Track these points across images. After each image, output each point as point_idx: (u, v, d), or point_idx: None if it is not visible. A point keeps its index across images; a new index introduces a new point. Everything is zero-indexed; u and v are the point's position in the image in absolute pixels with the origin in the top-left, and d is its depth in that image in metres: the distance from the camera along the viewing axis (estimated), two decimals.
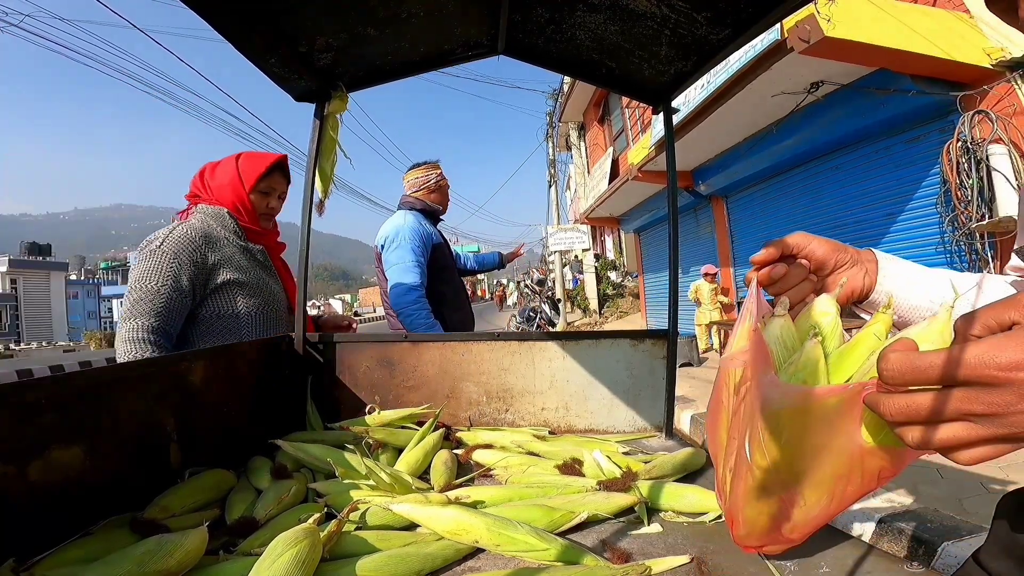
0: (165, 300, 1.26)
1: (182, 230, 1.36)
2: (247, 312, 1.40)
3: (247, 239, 1.49)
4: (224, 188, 1.47)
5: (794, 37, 4.35)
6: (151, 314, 1.24)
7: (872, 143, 5.68)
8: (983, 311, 0.38)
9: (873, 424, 0.45)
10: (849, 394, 0.45)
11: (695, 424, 3.98)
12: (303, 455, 1.06)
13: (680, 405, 4.39)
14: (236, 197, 1.47)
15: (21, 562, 0.61)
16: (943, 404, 0.36)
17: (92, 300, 50.14)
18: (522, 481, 1.00)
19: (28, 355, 16.90)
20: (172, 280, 1.28)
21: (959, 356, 0.35)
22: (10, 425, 0.67)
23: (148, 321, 1.24)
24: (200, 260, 1.33)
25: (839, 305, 0.60)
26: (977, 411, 0.35)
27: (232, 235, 1.45)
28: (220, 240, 1.41)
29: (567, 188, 19.88)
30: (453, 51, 1.41)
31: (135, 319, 1.23)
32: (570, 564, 0.69)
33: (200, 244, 1.35)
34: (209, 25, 0.98)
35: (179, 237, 1.33)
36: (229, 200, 1.47)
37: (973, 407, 0.35)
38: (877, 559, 0.69)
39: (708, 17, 1.10)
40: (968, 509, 2.35)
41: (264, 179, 1.51)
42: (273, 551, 0.62)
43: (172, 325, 1.30)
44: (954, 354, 0.36)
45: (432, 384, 1.36)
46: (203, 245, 1.35)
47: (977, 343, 0.36)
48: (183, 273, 1.29)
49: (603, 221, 13.89)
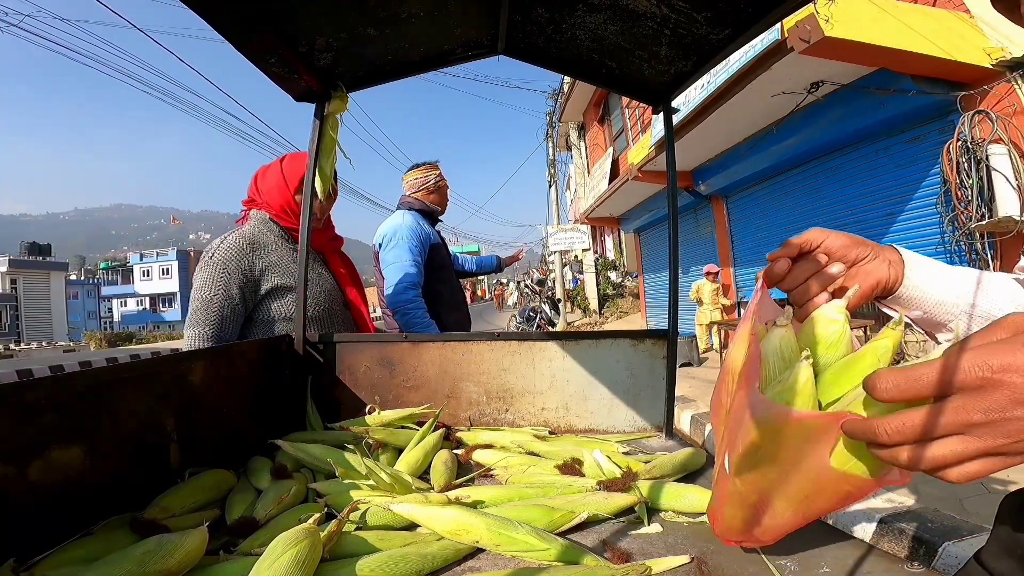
0: (218, 309, 1.34)
1: (231, 239, 1.40)
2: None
3: (295, 240, 1.49)
4: (272, 192, 1.48)
5: (794, 37, 4.36)
6: (207, 323, 1.33)
7: (872, 143, 5.68)
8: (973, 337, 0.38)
9: (845, 451, 0.47)
10: (825, 420, 0.47)
11: (695, 424, 3.98)
12: (303, 455, 1.06)
13: (680, 405, 4.39)
14: (283, 200, 1.47)
15: (21, 562, 0.61)
16: (939, 416, 0.37)
17: (92, 300, 50.18)
18: (522, 481, 1.00)
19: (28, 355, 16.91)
20: (223, 290, 1.34)
21: (954, 363, 0.36)
22: (10, 425, 0.66)
23: (205, 330, 1.33)
24: (248, 268, 1.38)
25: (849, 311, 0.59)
26: (975, 420, 0.35)
27: (279, 239, 1.46)
28: (268, 245, 1.44)
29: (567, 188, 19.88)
30: (453, 51, 1.41)
31: (194, 328, 1.33)
32: (570, 564, 0.69)
33: (247, 252, 1.39)
34: (209, 25, 0.98)
35: (228, 247, 1.39)
36: (277, 203, 1.48)
37: (971, 416, 0.35)
38: (877, 559, 0.69)
39: (708, 17, 1.10)
40: (969, 509, 2.35)
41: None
42: (273, 551, 0.62)
43: (227, 332, 1.37)
44: (949, 361, 0.37)
45: (432, 384, 1.36)
46: (250, 252, 1.39)
47: (969, 350, 0.36)
48: (232, 282, 1.35)
49: (603, 221, 13.89)
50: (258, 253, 1.41)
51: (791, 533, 0.59)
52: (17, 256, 37.43)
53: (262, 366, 1.31)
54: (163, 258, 49.17)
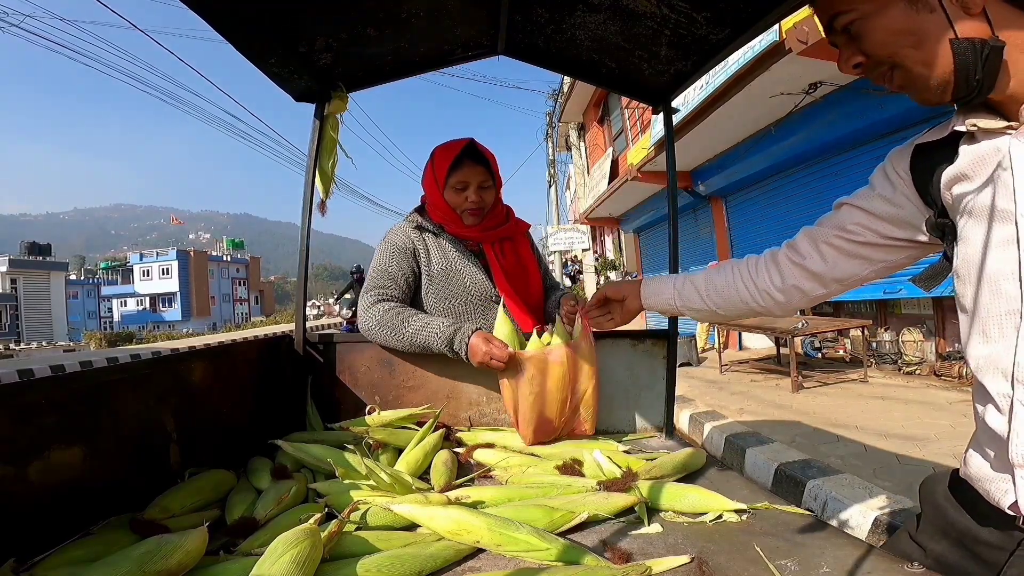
0: (380, 280, 1.38)
1: (398, 227, 1.46)
2: (437, 305, 1.40)
3: (446, 232, 1.44)
4: (430, 186, 1.44)
5: (792, 38, 4.36)
6: (376, 288, 1.38)
7: (871, 147, 5.67)
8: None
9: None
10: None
11: (695, 424, 3.98)
12: (303, 455, 1.06)
13: (680, 405, 4.39)
14: (435, 197, 1.42)
15: (21, 562, 0.61)
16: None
17: (92, 300, 50.13)
18: (522, 481, 1.00)
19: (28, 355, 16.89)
20: (385, 267, 1.39)
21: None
22: (10, 425, 0.66)
23: (374, 292, 1.38)
24: (402, 253, 1.40)
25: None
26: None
27: (427, 233, 1.44)
28: (420, 236, 1.44)
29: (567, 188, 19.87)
30: (453, 51, 1.41)
31: (366, 293, 1.39)
32: (571, 564, 0.69)
33: (403, 239, 1.42)
34: (209, 25, 0.98)
35: (393, 233, 1.44)
36: (432, 199, 1.44)
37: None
38: (877, 559, 0.69)
39: (708, 17, 1.10)
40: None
41: (452, 174, 1.37)
42: (274, 551, 0.62)
43: (401, 293, 1.40)
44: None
45: (432, 384, 1.36)
46: (405, 240, 1.42)
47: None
48: (393, 262, 1.39)
49: (603, 221, 13.88)
50: (413, 241, 1.42)
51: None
52: (17, 256, 37.38)
53: (262, 366, 1.31)
54: (163, 258, 49.10)
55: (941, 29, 0.59)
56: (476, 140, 1.39)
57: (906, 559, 0.69)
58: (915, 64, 0.62)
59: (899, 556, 0.71)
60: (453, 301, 1.40)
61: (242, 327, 37.93)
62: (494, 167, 1.42)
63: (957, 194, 0.64)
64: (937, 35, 0.60)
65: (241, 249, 62.46)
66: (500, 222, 1.48)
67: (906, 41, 0.62)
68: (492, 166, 1.41)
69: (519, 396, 1.19)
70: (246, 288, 56.44)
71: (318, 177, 1.39)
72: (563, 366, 1.19)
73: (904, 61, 0.63)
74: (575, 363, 1.22)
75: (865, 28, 0.64)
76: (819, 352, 6.64)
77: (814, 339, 6.50)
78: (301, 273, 1.39)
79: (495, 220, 1.47)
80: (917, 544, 0.75)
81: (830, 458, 2.89)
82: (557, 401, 1.20)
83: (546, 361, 1.19)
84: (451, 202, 1.39)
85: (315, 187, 1.39)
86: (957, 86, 0.61)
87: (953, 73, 0.60)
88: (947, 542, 0.71)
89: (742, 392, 5.03)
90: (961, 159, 0.64)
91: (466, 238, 1.45)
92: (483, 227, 1.44)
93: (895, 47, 0.62)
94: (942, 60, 0.60)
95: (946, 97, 0.63)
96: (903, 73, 0.64)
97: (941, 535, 0.72)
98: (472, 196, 1.38)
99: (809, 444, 3.22)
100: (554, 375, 1.19)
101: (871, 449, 3.11)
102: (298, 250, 1.40)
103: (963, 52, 0.59)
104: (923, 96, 0.64)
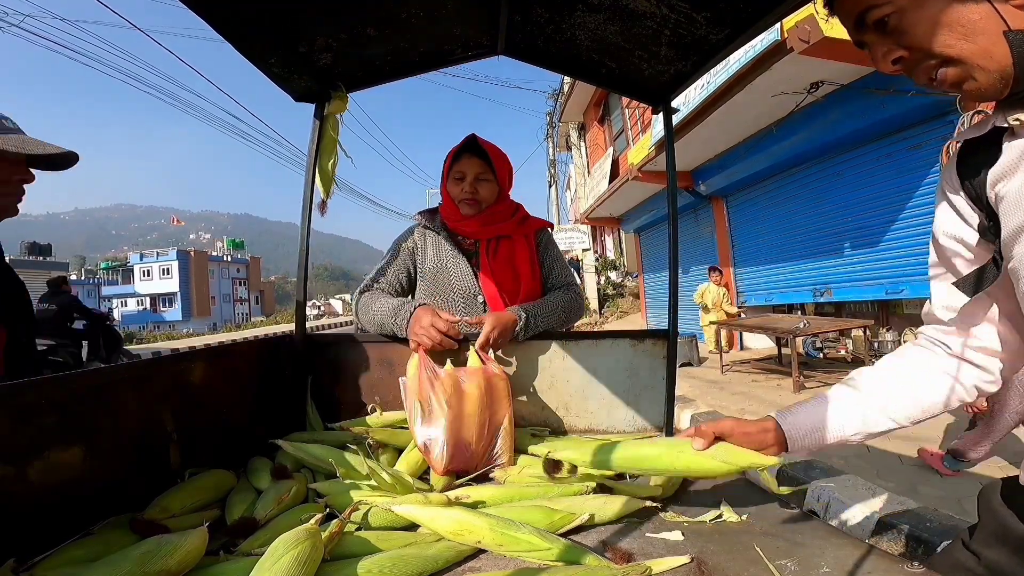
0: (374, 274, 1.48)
1: (412, 225, 1.54)
2: (426, 301, 1.43)
3: (448, 229, 1.48)
4: (442, 182, 1.50)
5: (793, 37, 4.36)
6: (368, 281, 1.47)
7: (873, 148, 5.67)
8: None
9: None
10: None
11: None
12: (303, 455, 1.06)
13: (680, 405, 4.39)
14: (443, 190, 1.49)
15: (21, 562, 0.61)
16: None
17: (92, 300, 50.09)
18: (521, 481, 1.00)
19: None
20: (382, 263, 1.49)
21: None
22: (10, 426, 0.66)
23: (364, 284, 1.47)
24: (400, 251, 1.49)
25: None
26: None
27: (429, 231, 1.50)
28: (424, 232, 1.50)
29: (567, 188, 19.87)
30: (453, 51, 1.41)
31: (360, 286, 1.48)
32: (571, 564, 0.69)
33: (405, 236, 1.51)
34: (209, 26, 0.98)
35: (405, 231, 1.53)
36: (442, 193, 1.51)
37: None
38: (877, 559, 0.69)
39: (708, 17, 1.10)
40: (968, 509, 2.35)
41: (454, 165, 1.43)
42: (275, 552, 0.62)
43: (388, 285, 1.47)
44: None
45: None
46: (406, 238, 1.50)
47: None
48: (389, 258, 1.48)
49: (603, 221, 13.88)
50: (415, 237, 1.50)
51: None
52: (17, 256, 37.40)
53: (262, 366, 1.31)
54: (163, 258, 49.12)
55: (990, 20, 0.56)
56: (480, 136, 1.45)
57: (960, 569, 0.68)
58: (973, 56, 0.58)
59: (951, 566, 0.70)
60: (438, 298, 1.44)
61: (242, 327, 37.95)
62: (496, 162, 1.43)
63: (1002, 192, 0.61)
64: (986, 27, 0.57)
65: (241, 249, 62.54)
66: (502, 219, 1.47)
67: (955, 33, 0.58)
68: (493, 160, 1.42)
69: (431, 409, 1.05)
70: (246, 288, 56.48)
71: (318, 177, 1.39)
72: (480, 388, 1.10)
73: (960, 54, 0.58)
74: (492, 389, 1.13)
75: (905, 22, 0.60)
76: (821, 352, 6.64)
77: (816, 339, 6.50)
78: (301, 273, 1.39)
79: (495, 216, 1.46)
80: (972, 552, 0.73)
81: (832, 459, 2.89)
82: (476, 424, 1.07)
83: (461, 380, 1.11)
84: (451, 193, 1.45)
85: (315, 187, 1.39)
86: (1017, 80, 0.58)
87: (1013, 66, 0.57)
88: (1005, 549, 0.69)
89: (743, 392, 5.03)
90: (1005, 156, 0.61)
91: (465, 234, 1.47)
92: (482, 222, 1.45)
93: (945, 40, 0.58)
94: (998, 53, 0.57)
95: (1005, 91, 0.59)
96: (960, 68, 0.60)
97: (999, 543, 0.70)
98: (467, 186, 1.42)
99: None
100: (471, 396, 1.09)
101: (874, 450, 3.11)
102: (298, 250, 1.40)
103: (1020, 44, 0.56)
104: (981, 91, 0.60)
